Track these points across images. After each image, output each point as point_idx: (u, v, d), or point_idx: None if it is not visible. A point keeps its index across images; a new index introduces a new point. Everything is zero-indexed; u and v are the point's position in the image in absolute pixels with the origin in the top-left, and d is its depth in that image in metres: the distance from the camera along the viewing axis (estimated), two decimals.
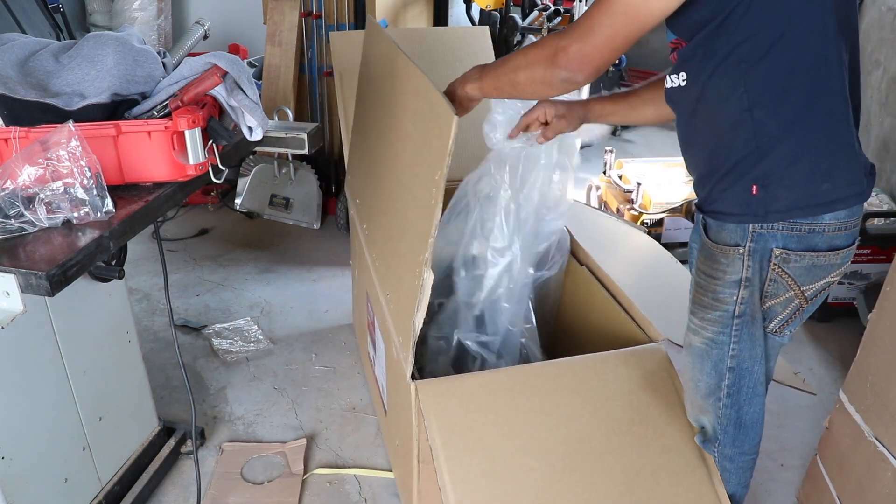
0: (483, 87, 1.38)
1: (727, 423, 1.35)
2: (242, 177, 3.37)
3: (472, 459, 1.38)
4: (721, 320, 1.25)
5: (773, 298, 1.23)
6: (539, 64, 1.19)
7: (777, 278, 1.20)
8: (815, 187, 1.13)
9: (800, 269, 1.18)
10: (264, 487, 1.93)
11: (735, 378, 1.29)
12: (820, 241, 1.16)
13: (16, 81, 1.39)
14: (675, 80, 1.20)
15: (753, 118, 1.12)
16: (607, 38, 1.10)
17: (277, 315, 2.75)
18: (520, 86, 1.27)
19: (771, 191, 1.14)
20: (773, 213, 1.15)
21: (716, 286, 1.24)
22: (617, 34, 1.10)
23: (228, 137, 1.47)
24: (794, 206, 1.14)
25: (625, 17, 1.08)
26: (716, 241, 1.22)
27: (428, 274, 1.36)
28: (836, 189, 1.14)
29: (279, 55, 3.26)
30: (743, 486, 1.45)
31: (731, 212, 1.19)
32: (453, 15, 3.86)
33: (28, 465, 1.49)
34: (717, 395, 1.33)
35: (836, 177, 1.14)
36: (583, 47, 1.12)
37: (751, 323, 1.24)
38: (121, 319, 1.76)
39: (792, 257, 1.17)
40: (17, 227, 1.22)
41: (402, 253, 1.52)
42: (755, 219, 1.16)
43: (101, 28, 3.91)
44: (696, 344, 1.32)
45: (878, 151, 2.91)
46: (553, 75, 1.18)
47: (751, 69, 1.09)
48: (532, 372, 1.52)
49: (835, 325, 2.62)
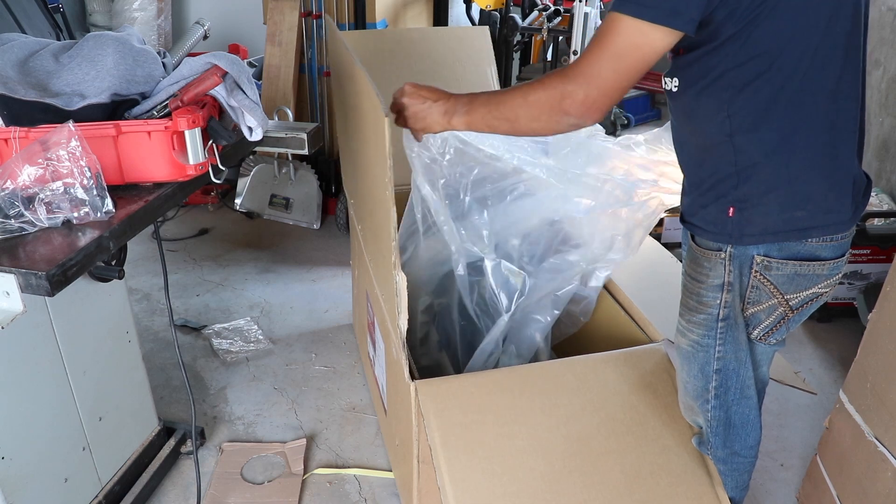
0: (472, 122, 1.28)
1: (717, 424, 1.35)
2: (242, 177, 3.37)
3: (472, 459, 1.38)
4: (706, 323, 1.25)
5: (756, 305, 1.22)
6: (544, 109, 1.15)
7: (759, 285, 1.19)
8: (789, 215, 1.13)
9: (782, 276, 1.17)
10: (264, 487, 1.93)
11: (722, 380, 1.29)
12: (802, 250, 1.16)
13: (16, 81, 1.39)
14: (668, 82, 1.20)
15: (734, 143, 1.12)
16: (615, 82, 1.07)
17: (277, 315, 2.75)
18: (519, 127, 1.21)
19: (746, 215, 1.14)
20: (748, 236, 1.16)
21: (700, 289, 1.24)
22: (623, 76, 1.07)
23: (228, 137, 1.47)
24: (767, 232, 1.15)
25: (629, 57, 1.05)
26: (699, 244, 1.23)
27: (400, 277, 1.36)
28: (811, 217, 1.14)
29: (279, 55, 3.26)
30: (740, 489, 1.45)
31: (707, 229, 1.20)
32: (453, 15, 3.86)
33: (28, 465, 1.49)
34: (704, 398, 1.33)
35: (811, 205, 1.13)
36: (590, 93, 1.08)
37: (734, 327, 1.24)
38: (121, 319, 1.76)
39: (773, 265, 1.16)
40: (17, 227, 1.22)
41: (384, 254, 1.53)
42: (730, 239, 1.17)
43: (101, 28, 3.91)
44: (683, 346, 1.33)
45: (878, 151, 2.91)
46: (561, 121, 1.14)
47: (735, 95, 1.09)
48: (532, 372, 1.52)
49: (835, 325, 2.62)
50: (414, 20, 3.55)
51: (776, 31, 1.04)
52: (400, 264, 1.36)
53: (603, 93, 1.08)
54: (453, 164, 1.67)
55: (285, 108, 3.15)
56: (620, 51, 1.05)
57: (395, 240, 1.34)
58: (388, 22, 3.30)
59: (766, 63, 1.06)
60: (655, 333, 1.61)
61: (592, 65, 1.08)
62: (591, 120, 1.12)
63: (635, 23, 1.02)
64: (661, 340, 1.59)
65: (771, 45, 1.05)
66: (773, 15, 1.02)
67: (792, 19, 1.04)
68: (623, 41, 1.04)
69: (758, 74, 1.07)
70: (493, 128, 1.26)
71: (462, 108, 1.29)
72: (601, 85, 1.08)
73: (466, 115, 1.28)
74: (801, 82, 1.07)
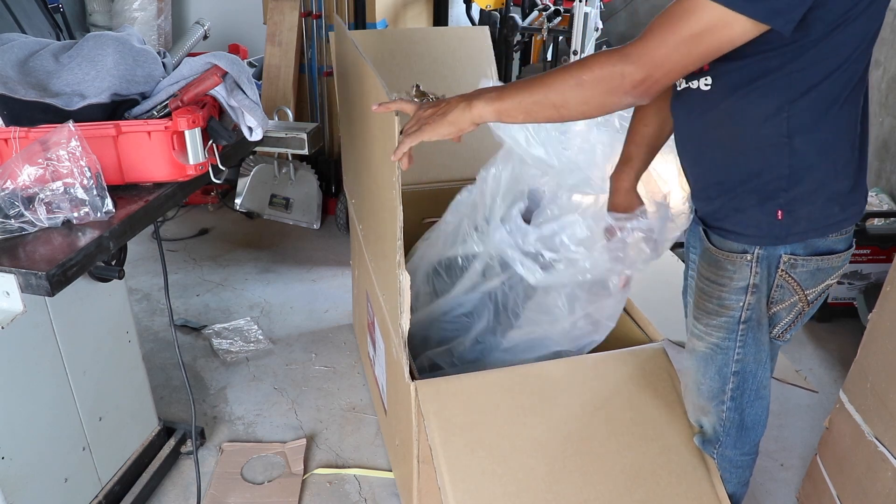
0: (503, 110, 1.15)
1: (730, 425, 1.35)
2: (242, 177, 3.37)
3: (472, 459, 1.38)
4: (727, 326, 1.24)
5: (779, 304, 1.22)
6: (601, 90, 1.06)
7: (784, 284, 1.19)
8: (828, 211, 1.14)
9: (805, 273, 1.18)
10: (264, 487, 1.93)
11: (739, 382, 1.29)
12: (822, 245, 1.17)
13: (16, 81, 1.39)
14: (694, 82, 1.14)
15: (792, 145, 1.08)
16: (682, 67, 1.02)
17: (277, 315, 2.75)
18: (568, 112, 1.11)
19: (794, 216, 1.13)
20: (793, 235, 1.15)
21: (721, 292, 1.22)
22: (691, 61, 1.01)
23: (228, 137, 1.47)
24: (810, 228, 1.15)
25: (703, 44, 0.98)
26: (721, 247, 1.20)
27: (404, 277, 1.35)
28: (843, 211, 1.15)
29: (279, 55, 3.26)
30: (743, 484, 1.46)
31: (744, 233, 1.17)
32: (453, 15, 3.86)
33: (28, 465, 1.49)
34: (720, 399, 1.33)
35: (845, 201, 1.15)
36: (653, 73, 1.02)
37: (756, 328, 1.24)
38: (121, 319, 1.76)
39: (799, 262, 1.17)
40: (17, 227, 1.22)
41: (387, 254, 1.53)
42: (776, 241, 1.15)
43: (101, 28, 3.91)
44: (699, 349, 1.31)
45: (879, 151, 2.92)
46: (618, 102, 1.08)
47: (800, 97, 1.05)
48: (532, 372, 1.52)
49: (835, 325, 2.62)
50: (414, 20, 3.55)
51: (856, 35, 1.02)
52: (404, 264, 1.36)
53: (666, 74, 1.02)
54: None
55: (285, 108, 3.15)
56: (696, 36, 0.97)
57: (399, 239, 1.33)
58: (388, 22, 3.30)
59: (835, 64, 1.03)
60: (655, 333, 1.61)
61: (660, 47, 1.00)
62: (648, 99, 1.07)
63: (722, 11, 0.94)
64: (661, 340, 1.59)
65: (847, 49, 1.03)
66: (859, 19, 1.00)
67: (868, 23, 1.02)
68: (700, 26, 0.96)
69: (826, 75, 1.04)
70: (531, 114, 1.15)
71: (490, 94, 1.17)
72: (667, 68, 1.01)
73: (497, 100, 1.15)
74: (858, 82, 1.07)
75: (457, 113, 1.18)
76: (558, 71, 1.11)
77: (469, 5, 3.78)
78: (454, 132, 1.20)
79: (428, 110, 1.22)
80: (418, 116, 1.23)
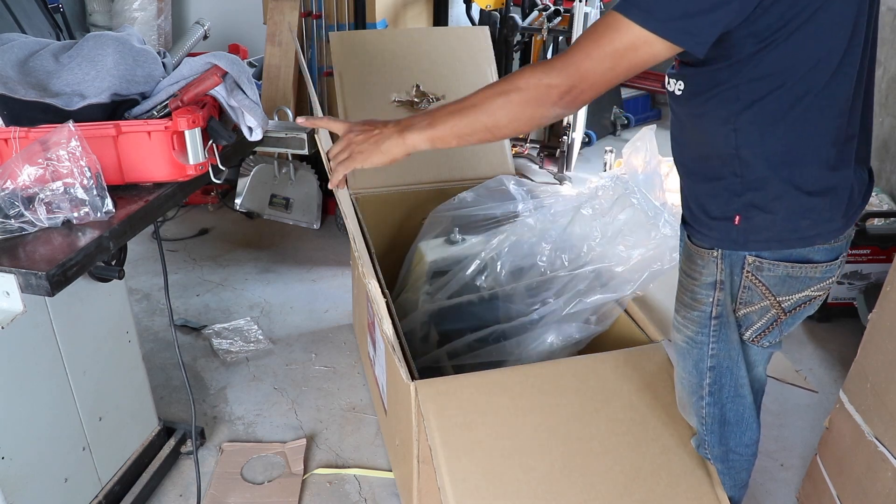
0: (437, 137, 1.19)
1: (712, 421, 1.35)
2: (242, 177, 3.37)
3: (472, 459, 1.38)
4: (699, 320, 1.25)
5: (748, 306, 1.22)
6: (529, 105, 1.10)
7: (751, 286, 1.19)
8: (793, 224, 1.13)
9: (774, 278, 1.17)
10: (264, 487, 1.93)
11: (716, 377, 1.29)
12: (794, 252, 1.16)
13: (16, 81, 1.39)
14: (672, 84, 1.17)
15: (740, 157, 1.10)
16: (607, 80, 1.05)
17: (277, 315, 2.75)
18: (500, 131, 1.15)
19: (752, 223, 1.14)
20: (753, 242, 1.15)
21: (694, 286, 1.24)
22: (615, 74, 1.04)
23: (228, 137, 1.47)
24: (772, 238, 1.14)
25: (626, 59, 1.01)
26: (694, 242, 1.23)
27: (372, 284, 1.39)
28: (815, 226, 1.14)
29: (279, 55, 3.26)
30: (738, 487, 1.45)
31: (708, 234, 1.19)
32: (453, 15, 3.86)
33: (28, 465, 1.49)
34: (699, 394, 1.33)
35: (814, 215, 1.13)
36: (579, 85, 1.06)
37: (727, 326, 1.24)
38: (121, 319, 1.76)
39: (765, 265, 1.16)
40: (17, 227, 1.22)
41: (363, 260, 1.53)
42: (734, 245, 1.17)
43: (101, 28, 3.91)
44: (678, 341, 1.33)
45: (878, 151, 2.92)
46: (546, 115, 1.11)
47: (744, 110, 1.07)
48: (532, 372, 1.52)
49: (835, 325, 2.62)
50: (414, 20, 3.55)
51: (793, 54, 1.02)
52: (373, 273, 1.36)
53: (591, 86, 1.06)
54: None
55: (285, 108, 3.14)
56: (619, 52, 1.02)
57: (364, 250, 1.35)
58: (388, 22, 3.30)
59: (778, 81, 1.04)
60: (655, 333, 1.61)
61: (585, 60, 1.04)
62: (575, 110, 1.13)
63: (641, 30, 0.98)
64: (660, 340, 1.59)
65: (786, 66, 1.03)
66: (791, 39, 1.00)
67: (810, 44, 1.01)
68: (623, 44, 1.00)
69: (769, 91, 1.05)
70: (464, 138, 1.18)
71: (421, 123, 1.20)
72: (592, 80, 1.05)
73: (429, 129, 1.19)
74: (813, 99, 1.05)
75: (390, 144, 1.23)
76: (485, 91, 1.15)
77: (469, 5, 3.78)
78: (386, 161, 1.25)
79: (360, 135, 1.26)
80: (349, 140, 1.28)
